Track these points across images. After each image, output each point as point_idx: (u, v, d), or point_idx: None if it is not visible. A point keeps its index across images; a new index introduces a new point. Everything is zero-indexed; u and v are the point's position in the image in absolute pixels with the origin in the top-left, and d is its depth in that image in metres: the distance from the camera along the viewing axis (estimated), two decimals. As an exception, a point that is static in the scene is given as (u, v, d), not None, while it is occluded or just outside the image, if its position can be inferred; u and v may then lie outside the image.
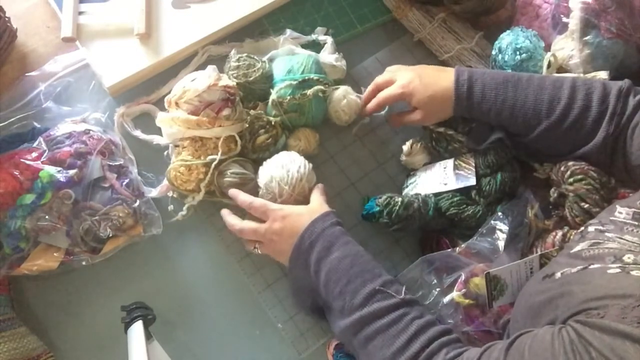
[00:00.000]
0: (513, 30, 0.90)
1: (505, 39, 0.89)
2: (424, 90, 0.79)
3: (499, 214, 0.76)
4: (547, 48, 0.92)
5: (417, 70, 0.83)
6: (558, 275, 0.56)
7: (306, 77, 0.83)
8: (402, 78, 0.82)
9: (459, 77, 0.77)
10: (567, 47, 0.89)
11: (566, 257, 0.59)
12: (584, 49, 0.87)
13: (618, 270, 0.50)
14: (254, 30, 0.94)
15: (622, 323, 0.44)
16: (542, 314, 0.55)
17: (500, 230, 0.75)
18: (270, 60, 0.89)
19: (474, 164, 0.81)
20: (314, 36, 0.94)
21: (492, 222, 0.76)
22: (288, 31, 0.93)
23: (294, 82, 0.83)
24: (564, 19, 0.88)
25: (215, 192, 0.80)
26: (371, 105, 0.86)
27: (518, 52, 0.87)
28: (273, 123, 0.83)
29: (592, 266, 0.53)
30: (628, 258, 0.51)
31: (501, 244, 0.74)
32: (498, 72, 0.78)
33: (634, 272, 0.49)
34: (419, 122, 0.84)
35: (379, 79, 0.86)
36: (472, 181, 0.80)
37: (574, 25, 0.86)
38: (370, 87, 0.87)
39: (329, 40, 0.93)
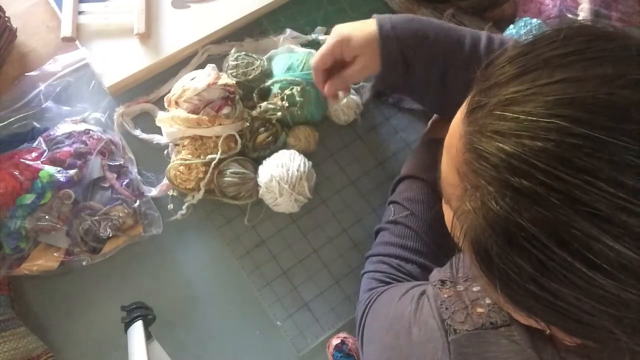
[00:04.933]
0: (515, 24, 0.89)
1: (508, 35, 0.88)
2: (356, 28, 0.72)
3: None
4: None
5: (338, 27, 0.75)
6: None
7: (306, 74, 0.83)
8: (329, 37, 0.74)
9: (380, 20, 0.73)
10: (577, 40, 0.88)
11: None
12: (596, 40, 0.87)
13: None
14: (253, 29, 0.94)
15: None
16: None
17: None
18: (269, 59, 0.88)
19: None
20: (314, 35, 0.94)
21: None
22: (288, 30, 0.93)
23: (294, 79, 0.82)
24: (570, 16, 0.88)
25: (215, 190, 0.80)
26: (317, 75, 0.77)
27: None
28: (273, 121, 0.82)
29: None
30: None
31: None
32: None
33: None
34: (361, 73, 0.74)
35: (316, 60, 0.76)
36: None
37: (584, 17, 0.86)
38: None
39: (329, 39, 0.93)
